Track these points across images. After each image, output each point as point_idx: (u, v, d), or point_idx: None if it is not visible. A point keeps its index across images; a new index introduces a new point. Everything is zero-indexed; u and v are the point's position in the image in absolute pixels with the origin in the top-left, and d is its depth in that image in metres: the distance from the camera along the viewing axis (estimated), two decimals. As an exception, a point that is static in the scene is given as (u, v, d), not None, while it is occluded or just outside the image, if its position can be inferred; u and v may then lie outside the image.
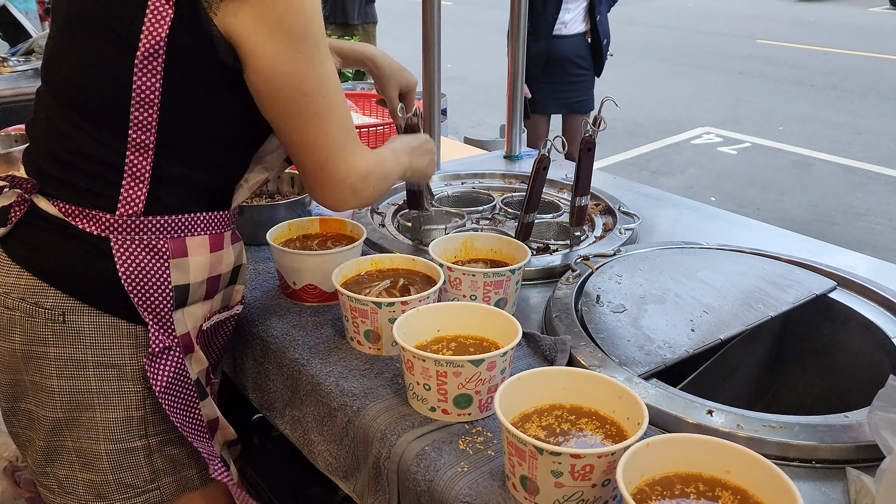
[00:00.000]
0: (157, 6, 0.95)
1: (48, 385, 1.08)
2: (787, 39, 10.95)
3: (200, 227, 1.12)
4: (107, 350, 1.08)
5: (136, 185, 1.03)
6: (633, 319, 1.25)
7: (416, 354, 1.00)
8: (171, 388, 1.10)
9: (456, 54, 9.90)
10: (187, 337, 1.14)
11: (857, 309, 1.32)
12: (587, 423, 0.93)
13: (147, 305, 1.07)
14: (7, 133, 2.37)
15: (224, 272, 1.18)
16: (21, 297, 1.06)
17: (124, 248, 1.04)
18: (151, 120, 1.01)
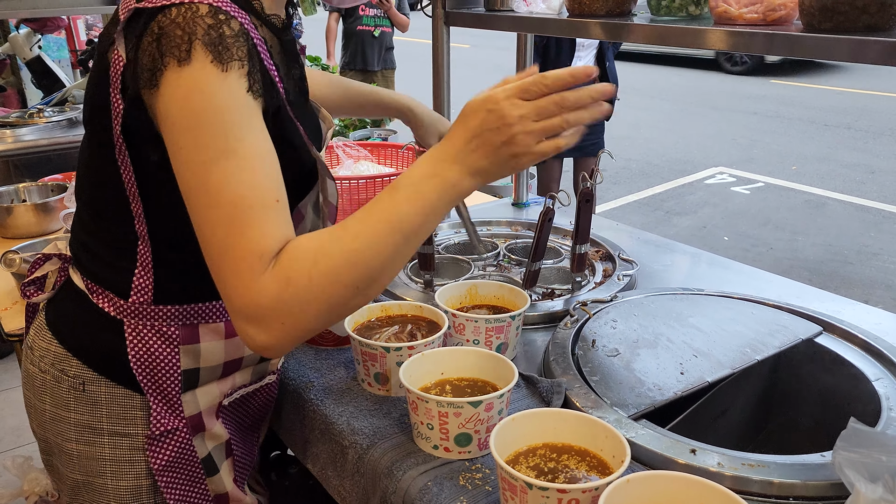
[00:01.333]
0: (115, 101, 0.96)
1: (68, 448, 1.16)
2: (801, 80, 11.06)
3: (214, 315, 1.14)
4: (121, 419, 1.14)
5: (146, 274, 1.08)
6: (625, 363, 1.33)
7: (420, 396, 1.09)
8: (170, 467, 1.14)
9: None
10: (198, 417, 1.17)
11: (840, 353, 1.39)
12: (576, 461, 1.01)
13: (154, 387, 1.12)
14: (43, 182, 2.52)
15: (248, 354, 1.20)
16: (51, 363, 1.15)
17: (136, 332, 1.10)
18: (139, 209, 1.03)
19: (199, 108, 0.89)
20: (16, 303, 1.84)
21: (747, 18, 1.25)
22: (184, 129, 0.89)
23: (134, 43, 0.92)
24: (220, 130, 0.89)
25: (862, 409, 1.29)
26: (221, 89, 0.89)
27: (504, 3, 1.78)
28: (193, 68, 0.88)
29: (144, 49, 0.90)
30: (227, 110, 0.89)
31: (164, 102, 0.90)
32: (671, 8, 1.41)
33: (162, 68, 0.89)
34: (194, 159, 0.89)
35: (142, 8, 0.91)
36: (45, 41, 4.55)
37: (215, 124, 0.89)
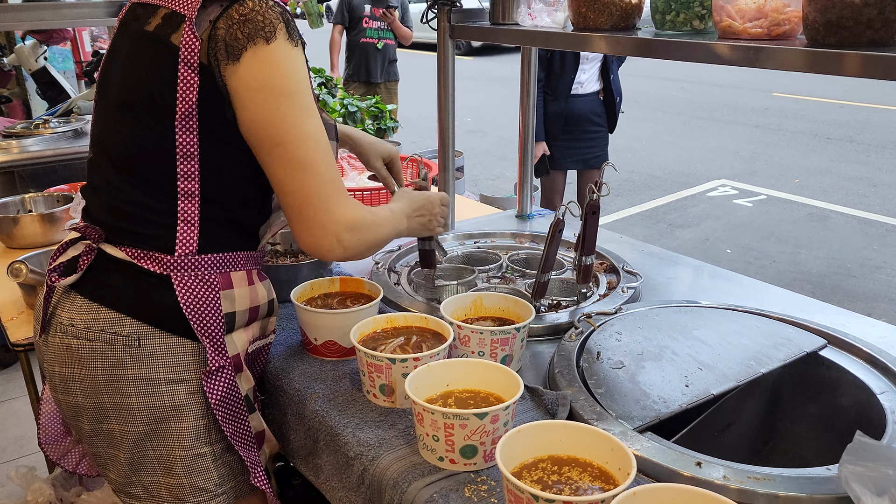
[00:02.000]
0: (186, 75, 1.17)
1: (128, 403, 1.25)
2: (804, 93, 11.08)
3: (241, 264, 1.31)
4: (176, 367, 1.26)
5: (189, 228, 1.24)
6: (630, 375, 1.33)
7: (426, 408, 1.10)
8: (224, 401, 1.27)
9: (476, 108, 10.14)
10: (237, 357, 1.32)
11: (845, 366, 1.39)
12: (581, 473, 1.01)
13: (204, 330, 1.25)
14: (49, 193, 2.53)
15: (261, 303, 1.37)
16: (101, 329, 1.24)
17: (183, 282, 1.24)
18: (194, 170, 1.22)
19: (296, 74, 1.19)
20: (21, 313, 1.85)
21: (752, 33, 1.26)
22: (275, 92, 1.17)
23: (207, 27, 1.17)
24: (305, 92, 1.20)
25: (867, 422, 1.29)
26: (298, 60, 1.20)
27: (509, 16, 1.79)
28: (278, 44, 1.17)
29: (226, 31, 1.16)
30: (306, 78, 1.22)
31: (249, 72, 1.16)
32: (675, 22, 1.42)
33: (248, 45, 1.15)
34: (287, 115, 1.18)
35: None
36: (50, 52, 4.58)
37: (302, 87, 1.20)
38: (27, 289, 1.83)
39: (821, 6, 1.12)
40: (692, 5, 1.40)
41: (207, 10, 1.18)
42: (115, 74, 1.28)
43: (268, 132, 1.19)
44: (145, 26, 1.23)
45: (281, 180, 1.22)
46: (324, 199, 1.22)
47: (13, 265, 1.77)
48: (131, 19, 1.27)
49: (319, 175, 1.21)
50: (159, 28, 1.20)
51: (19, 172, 3.27)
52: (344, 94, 5.36)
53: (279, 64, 1.17)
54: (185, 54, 1.16)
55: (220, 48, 1.16)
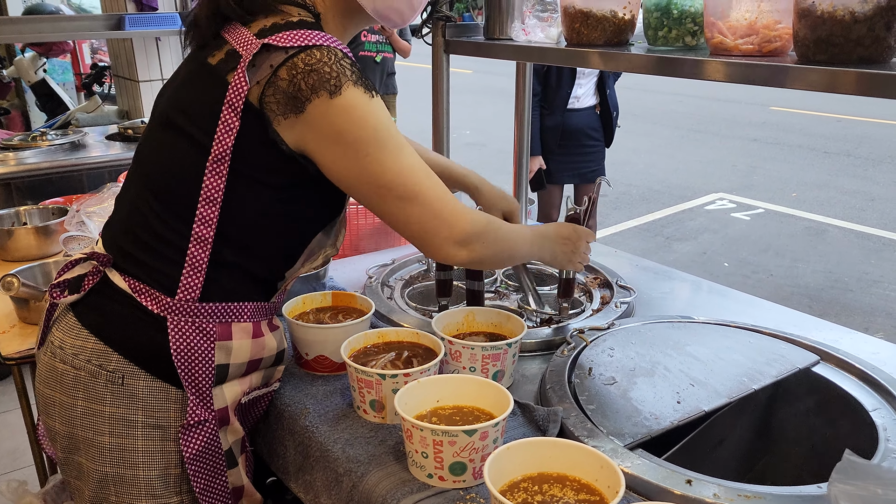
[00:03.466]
0: (227, 118, 1.13)
1: (99, 442, 1.21)
2: (801, 107, 11.11)
3: (246, 315, 1.26)
4: (156, 412, 1.22)
5: (195, 273, 1.19)
6: (622, 391, 1.33)
7: (415, 424, 1.09)
8: (200, 456, 1.23)
9: (475, 121, 10.17)
10: (224, 411, 1.27)
11: (838, 382, 1.39)
12: (570, 491, 1.00)
13: (191, 379, 1.20)
14: (44, 206, 2.53)
15: (266, 356, 1.32)
16: (88, 359, 1.21)
17: (178, 328, 1.20)
18: (213, 216, 1.18)
19: (372, 121, 1.15)
20: (13, 326, 1.84)
21: (743, 49, 1.26)
22: (353, 143, 1.15)
23: (268, 74, 1.12)
24: (389, 135, 1.17)
25: (859, 439, 1.28)
26: (380, 109, 1.17)
27: (503, 31, 1.80)
28: (347, 97, 1.12)
29: (289, 81, 1.11)
30: (389, 121, 1.18)
31: (314, 125, 1.13)
32: (668, 38, 1.42)
33: (312, 98, 1.11)
34: (377, 161, 1.16)
35: (272, 44, 1.12)
36: (50, 64, 4.60)
37: (382, 132, 1.17)
38: (19, 302, 1.83)
39: (811, 23, 1.12)
40: (684, 22, 1.40)
41: (270, 55, 1.13)
42: (168, 92, 1.28)
43: (361, 180, 1.18)
44: (209, 58, 1.20)
45: (389, 216, 1.23)
46: (438, 223, 1.22)
47: (6, 278, 1.76)
48: (201, 48, 1.24)
49: (426, 205, 1.21)
50: (221, 63, 1.17)
51: (16, 184, 3.28)
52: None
53: (350, 115, 1.13)
54: (231, 96, 1.13)
55: (280, 100, 1.12)
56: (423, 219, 1.21)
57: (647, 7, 1.44)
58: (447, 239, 1.23)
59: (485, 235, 1.27)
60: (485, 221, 1.29)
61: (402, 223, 1.23)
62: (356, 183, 1.19)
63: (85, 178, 3.39)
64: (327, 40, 1.15)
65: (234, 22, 1.21)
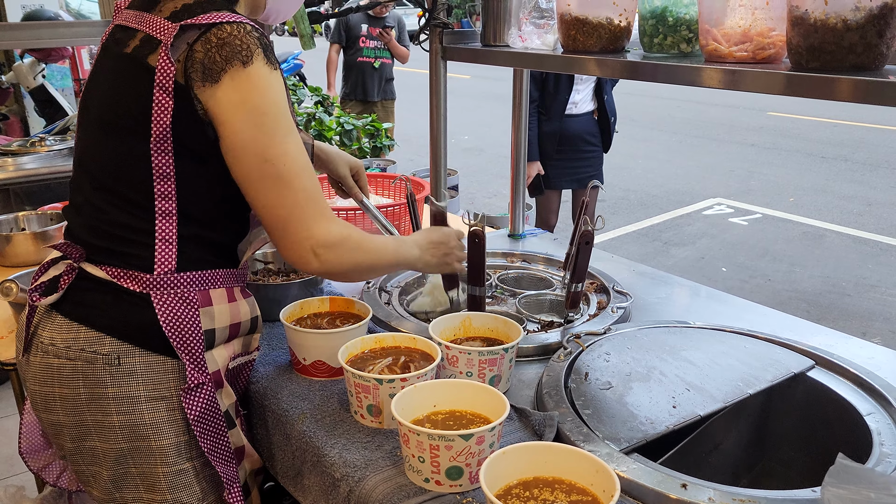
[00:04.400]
0: (160, 98, 1.20)
1: (109, 421, 1.26)
2: (798, 112, 11.13)
3: (220, 281, 1.33)
4: (156, 384, 1.27)
5: (167, 247, 1.26)
6: (618, 396, 1.33)
7: (412, 429, 1.10)
8: (202, 417, 1.28)
9: (474, 126, 10.18)
10: (217, 374, 1.33)
11: (833, 387, 1.39)
12: (566, 495, 1.01)
13: (184, 347, 1.26)
14: (43, 211, 2.54)
15: (243, 321, 1.39)
16: (81, 348, 1.25)
17: (162, 301, 1.26)
18: (171, 190, 1.24)
19: (273, 95, 1.22)
20: (12, 331, 1.85)
21: (737, 56, 1.27)
22: (254, 111, 1.20)
23: (185, 50, 1.19)
24: (283, 113, 1.23)
25: (853, 443, 1.29)
26: (275, 83, 1.23)
27: (500, 38, 1.81)
28: (255, 67, 1.20)
29: (204, 53, 1.18)
30: (286, 101, 1.25)
31: (227, 93, 1.19)
32: (663, 45, 1.43)
33: (227, 68, 1.18)
34: (269, 133, 1.21)
35: (190, 24, 1.19)
36: (48, 70, 4.60)
37: (280, 108, 1.23)
38: (18, 308, 1.83)
39: (804, 31, 1.13)
40: (679, 29, 1.41)
41: (185, 35, 1.20)
42: (95, 95, 1.32)
43: (248, 150, 1.22)
44: (124, 49, 1.26)
45: (260, 197, 1.24)
46: (302, 215, 1.24)
47: (4, 284, 1.77)
48: (112, 42, 1.30)
49: (298, 192, 1.23)
50: (137, 49, 1.24)
51: (14, 190, 3.28)
52: (340, 112, 5.38)
53: (256, 85, 1.20)
54: (160, 78, 1.19)
55: (196, 70, 1.19)
56: (290, 207, 1.23)
57: (643, 14, 1.45)
58: (304, 241, 1.25)
59: (341, 246, 1.28)
60: (345, 233, 1.29)
61: (270, 206, 1.24)
62: (243, 153, 1.22)
63: (83, 184, 3.38)
64: (235, 17, 1.22)
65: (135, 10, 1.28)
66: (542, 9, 1.70)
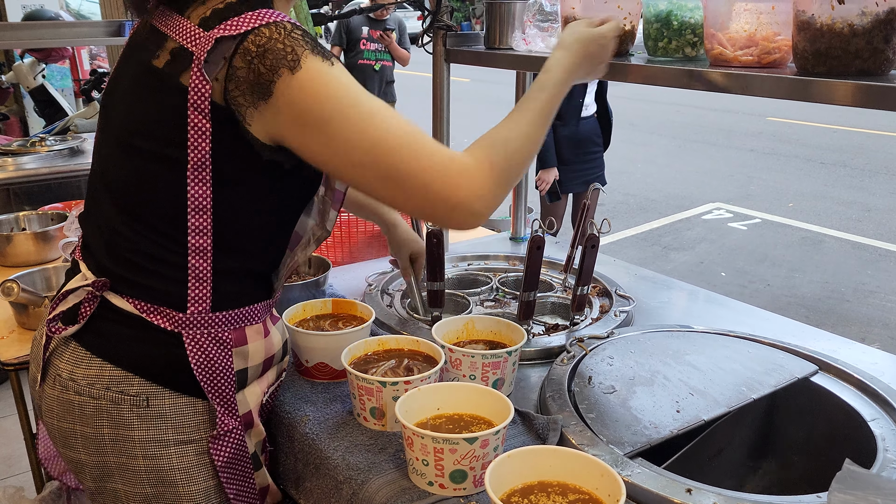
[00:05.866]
0: (197, 122, 1.07)
1: (134, 465, 1.19)
2: (797, 117, 11.15)
3: (256, 317, 1.24)
4: (185, 428, 1.20)
5: (201, 285, 1.16)
6: (622, 400, 1.33)
7: (416, 432, 1.09)
8: (230, 463, 1.22)
9: (472, 130, 10.14)
10: (249, 415, 1.26)
11: (836, 392, 1.39)
12: (571, 499, 1.00)
13: (215, 391, 1.19)
14: (44, 211, 2.53)
15: (276, 351, 1.31)
16: (106, 387, 1.16)
17: (195, 341, 1.17)
18: (206, 224, 1.13)
19: (332, 92, 1.05)
20: (13, 331, 1.84)
21: (742, 61, 1.27)
22: (326, 114, 1.05)
23: (223, 66, 1.05)
24: (356, 100, 1.06)
25: (858, 449, 1.29)
26: (341, 75, 1.07)
27: (504, 41, 1.81)
28: (308, 69, 1.04)
29: (247, 68, 1.04)
30: (353, 85, 1.08)
31: (287, 104, 1.04)
32: (668, 49, 1.43)
33: (275, 79, 1.03)
34: (350, 129, 1.06)
35: (225, 36, 1.05)
36: (48, 70, 4.60)
37: (351, 96, 1.06)
38: (19, 308, 1.83)
39: (810, 36, 1.13)
40: (684, 33, 1.41)
41: (220, 47, 1.05)
42: (118, 105, 1.19)
43: (334, 161, 1.09)
44: (153, 59, 1.12)
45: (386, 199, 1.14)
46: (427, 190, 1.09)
47: (5, 283, 1.76)
48: (138, 46, 1.17)
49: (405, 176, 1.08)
50: (169, 65, 1.09)
51: (14, 190, 3.27)
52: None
53: (318, 86, 1.05)
54: (195, 98, 1.06)
55: (244, 92, 1.05)
56: (415, 195, 1.10)
57: (648, 18, 1.45)
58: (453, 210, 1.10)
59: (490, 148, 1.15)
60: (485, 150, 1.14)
61: (398, 203, 1.14)
62: (333, 167, 1.11)
63: (83, 184, 3.38)
64: (272, 17, 1.06)
65: (163, 7, 1.14)
66: (546, 12, 1.70)
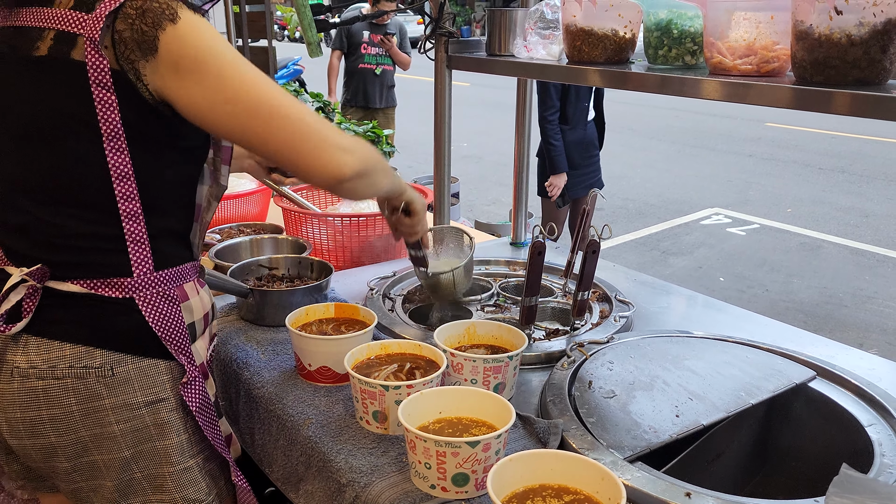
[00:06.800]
0: (102, 96, 1.12)
1: (109, 432, 1.24)
2: (796, 123, 11.18)
3: (189, 275, 1.32)
4: (153, 388, 1.25)
5: (140, 248, 1.22)
6: (622, 405, 1.34)
7: (418, 435, 1.11)
8: (200, 409, 1.29)
9: (472, 134, 10.20)
10: (203, 366, 1.34)
11: (834, 398, 1.41)
12: (571, 503, 1.02)
13: (175, 345, 1.26)
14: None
15: (208, 310, 1.38)
16: (69, 366, 1.19)
17: (148, 302, 1.23)
18: (132, 189, 1.19)
19: (207, 39, 1.13)
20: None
21: (741, 70, 1.29)
22: (200, 54, 1.12)
23: (108, 35, 1.11)
24: (224, 44, 1.15)
25: (855, 454, 1.30)
26: (209, 27, 1.15)
27: (505, 48, 1.82)
28: (185, 21, 1.12)
29: (129, 28, 1.10)
30: (222, 38, 1.16)
31: (172, 55, 1.11)
32: (668, 57, 1.45)
33: (158, 33, 1.10)
34: (225, 71, 1.13)
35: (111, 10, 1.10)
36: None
37: (222, 44, 1.15)
38: None
39: (808, 45, 1.15)
40: (684, 41, 1.43)
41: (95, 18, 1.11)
42: (5, 107, 1.21)
43: (216, 99, 1.14)
44: (32, 51, 1.15)
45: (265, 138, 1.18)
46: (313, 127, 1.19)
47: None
48: (8, 48, 1.19)
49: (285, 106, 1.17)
50: (53, 49, 1.13)
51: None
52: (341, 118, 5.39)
53: (197, 36, 1.12)
54: (95, 74, 1.11)
55: (132, 49, 1.11)
56: (284, 128, 1.17)
57: (648, 26, 1.46)
58: (323, 143, 1.19)
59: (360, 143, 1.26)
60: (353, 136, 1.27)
61: (266, 142, 1.18)
62: (206, 109, 1.15)
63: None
64: None
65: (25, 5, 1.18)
66: (547, 19, 1.72)
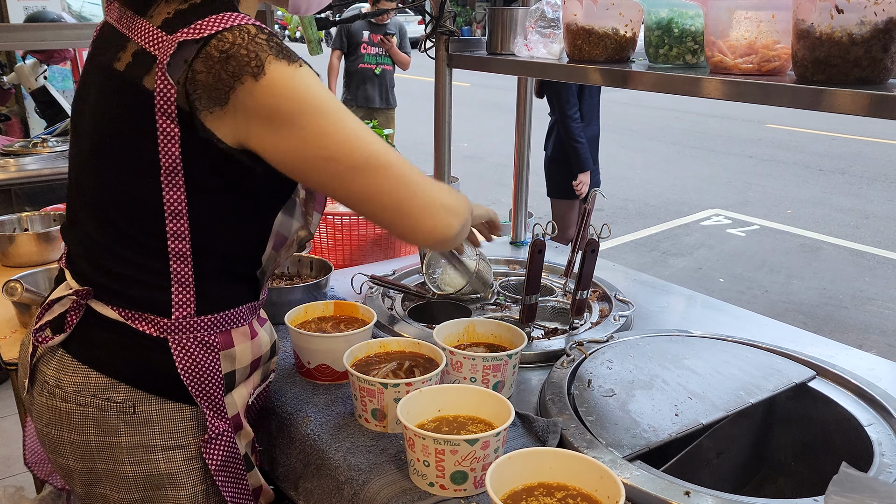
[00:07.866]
0: (165, 127, 1.05)
1: (122, 471, 1.19)
2: (796, 124, 11.18)
3: (242, 319, 1.24)
4: (173, 434, 1.19)
5: (184, 289, 1.15)
6: (621, 403, 1.34)
7: (417, 433, 1.10)
8: (224, 466, 1.22)
9: (472, 134, 10.20)
10: (237, 417, 1.26)
11: (833, 397, 1.40)
12: (570, 501, 1.01)
13: (203, 395, 1.18)
14: (46, 212, 2.54)
15: (263, 353, 1.30)
16: (92, 394, 1.16)
17: (181, 346, 1.16)
18: (184, 229, 1.12)
19: (301, 91, 1.05)
20: (15, 331, 1.85)
21: (742, 68, 1.28)
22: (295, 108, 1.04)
23: (184, 70, 1.03)
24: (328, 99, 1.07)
25: (854, 453, 1.30)
26: (307, 76, 1.06)
27: (506, 47, 1.82)
28: (272, 74, 1.02)
29: (206, 73, 1.02)
30: (323, 89, 1.07)
31: (252, 109, 1.03)
32: (669, 56, 1.45)
33: (235, 86, 1.02)
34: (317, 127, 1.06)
35: (188, 40, 1.03)
36: (50, 72, 4.61)
37: (322, 97, 1.06)
38: (22, 307, 1.83)
39: (809, 44, 1.15)
40: (685, 40, 1.43)
41: (183, 51, 1.04)
42: (86, 113, 1.18)
43: (306, 157, 1.08)
44: (114, 62, 1.11)
45: (358, 196, 1.12)
46: (412, 187, 1.12)
47: (8, 284, 1.77)
48: (100, 48, 1.16)
49: (390, 167, 1.11)
50: (130, 68, 1.08)
51: (16, 191, 3.29)
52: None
53: (277, 91, 1.03)
54: (161, 103, 1.04)
55: (200, 96, 1.03)
56: (390, 187, 1.11)
57: (649, 25, 1.46)
58: (431, 205, 1.13)
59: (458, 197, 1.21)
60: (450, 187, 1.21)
61: (369, 200, 1.12)
62: (302, 165, 1.09)
63: (84, 185, 3.39)
64: (235, 20, 1.04)
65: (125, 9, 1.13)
66: (548, 18, 1.72)
